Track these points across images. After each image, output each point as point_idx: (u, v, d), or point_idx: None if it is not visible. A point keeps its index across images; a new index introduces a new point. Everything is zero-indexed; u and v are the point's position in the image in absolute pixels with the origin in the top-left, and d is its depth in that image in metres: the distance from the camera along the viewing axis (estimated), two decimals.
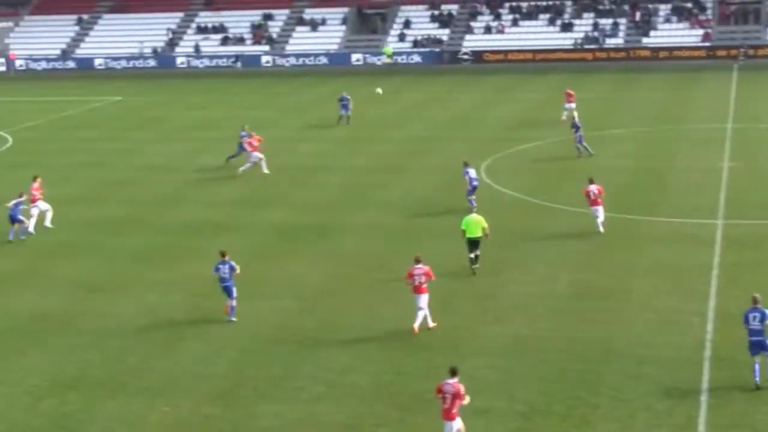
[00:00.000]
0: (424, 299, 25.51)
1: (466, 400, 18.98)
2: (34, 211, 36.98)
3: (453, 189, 39.46)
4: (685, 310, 26.38)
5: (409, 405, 21.70)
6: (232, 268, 27.10)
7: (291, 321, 27.00)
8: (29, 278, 31.91)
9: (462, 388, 18.86)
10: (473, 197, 36.77)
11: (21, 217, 36.06)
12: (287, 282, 30.13)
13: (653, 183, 40.41)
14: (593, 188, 33.48)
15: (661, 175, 41.84)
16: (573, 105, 54.39)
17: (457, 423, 18.91)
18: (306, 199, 40.54)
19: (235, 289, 27.04)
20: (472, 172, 37.30)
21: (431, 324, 25.77)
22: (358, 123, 57.27)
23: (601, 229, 33.42)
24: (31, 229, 36.54)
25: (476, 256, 30.08)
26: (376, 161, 47.21)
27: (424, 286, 25.52)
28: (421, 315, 25.50)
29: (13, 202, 36.09)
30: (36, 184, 37.71)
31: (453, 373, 19.10)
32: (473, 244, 29.99)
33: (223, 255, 27.43)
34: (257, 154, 44.59)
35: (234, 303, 27.05)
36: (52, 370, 24.37)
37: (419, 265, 25.78)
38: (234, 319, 26.97)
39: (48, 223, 37.46)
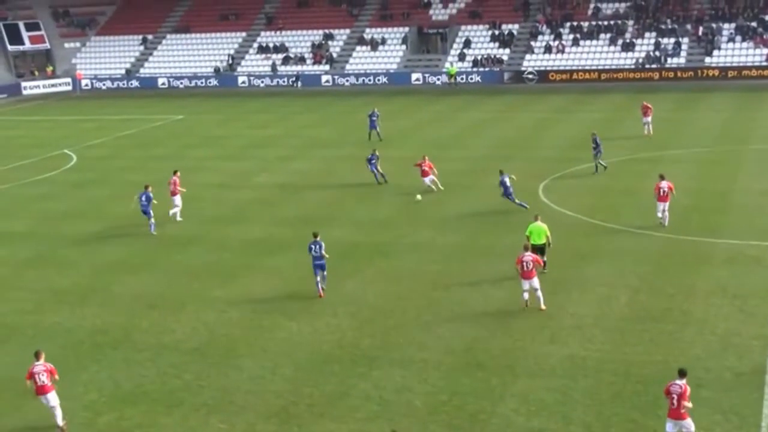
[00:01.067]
0: (535, 282, 27.98)
1: (690, 403, 19.44)
2: (177, 201, 40.71)
3: (511, 208, 39.37)
4: (745, 333, 25.94)
5: (464, 426, 21.60)
6: (322, 248, 30.12)
7: (347, 339, 27.06)
8: (90, 294, 32.40)
9: (688, 390, 19.40)
10: (524, 201, 39.10)
11: (150, 211, 38.41)
12: (344, 300, 30.21)
13: (715, 204, 39.83)
14: (664, 185, 35.27)
15: (723, 196, 41.24)
16: (649, 119, 54.36)
17: (687, 423, 19.31)
18: (364, 218, 40.69)
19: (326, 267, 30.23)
20: (507, 180, 39.37)
21: (542, 306, 28.12)
22: (417, 143, 57.32)
23: (665, 224, 35.45)
24: (177, 214, 40.83)
25: (543, 262, 30.57)
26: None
27: (534, 270, 27.81)
28: (526, 295, 28.10)
29: (141, 196, 38.49)
30: (175, 178, 40.72)
31: (682, 374, 19.71)
32: (537, 251, 30.49)
33: (315, 236, 30.51)
34: (430, 178, 44.64)
35: (324, 281, 30.41)
36: (110, 386, 24.70)
37: (527, 252, 28.16)
38: (323, 295, 30.15)
39: (178, 217, 40.82)
